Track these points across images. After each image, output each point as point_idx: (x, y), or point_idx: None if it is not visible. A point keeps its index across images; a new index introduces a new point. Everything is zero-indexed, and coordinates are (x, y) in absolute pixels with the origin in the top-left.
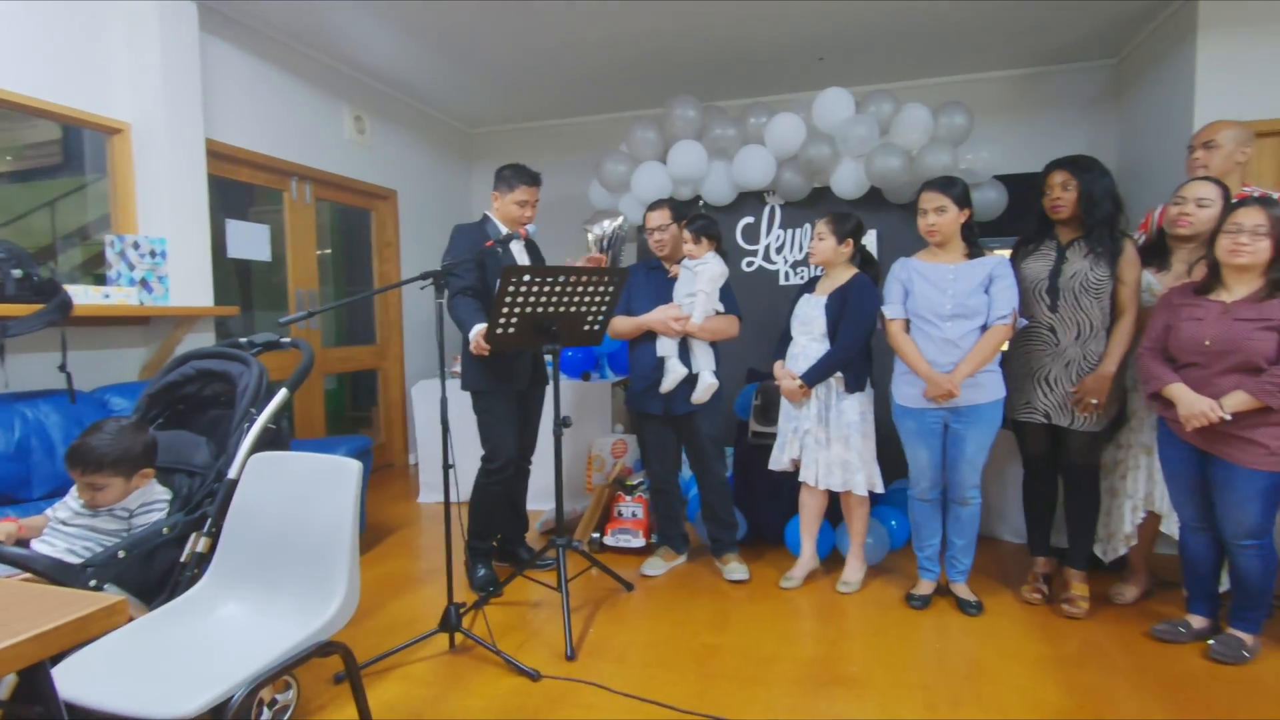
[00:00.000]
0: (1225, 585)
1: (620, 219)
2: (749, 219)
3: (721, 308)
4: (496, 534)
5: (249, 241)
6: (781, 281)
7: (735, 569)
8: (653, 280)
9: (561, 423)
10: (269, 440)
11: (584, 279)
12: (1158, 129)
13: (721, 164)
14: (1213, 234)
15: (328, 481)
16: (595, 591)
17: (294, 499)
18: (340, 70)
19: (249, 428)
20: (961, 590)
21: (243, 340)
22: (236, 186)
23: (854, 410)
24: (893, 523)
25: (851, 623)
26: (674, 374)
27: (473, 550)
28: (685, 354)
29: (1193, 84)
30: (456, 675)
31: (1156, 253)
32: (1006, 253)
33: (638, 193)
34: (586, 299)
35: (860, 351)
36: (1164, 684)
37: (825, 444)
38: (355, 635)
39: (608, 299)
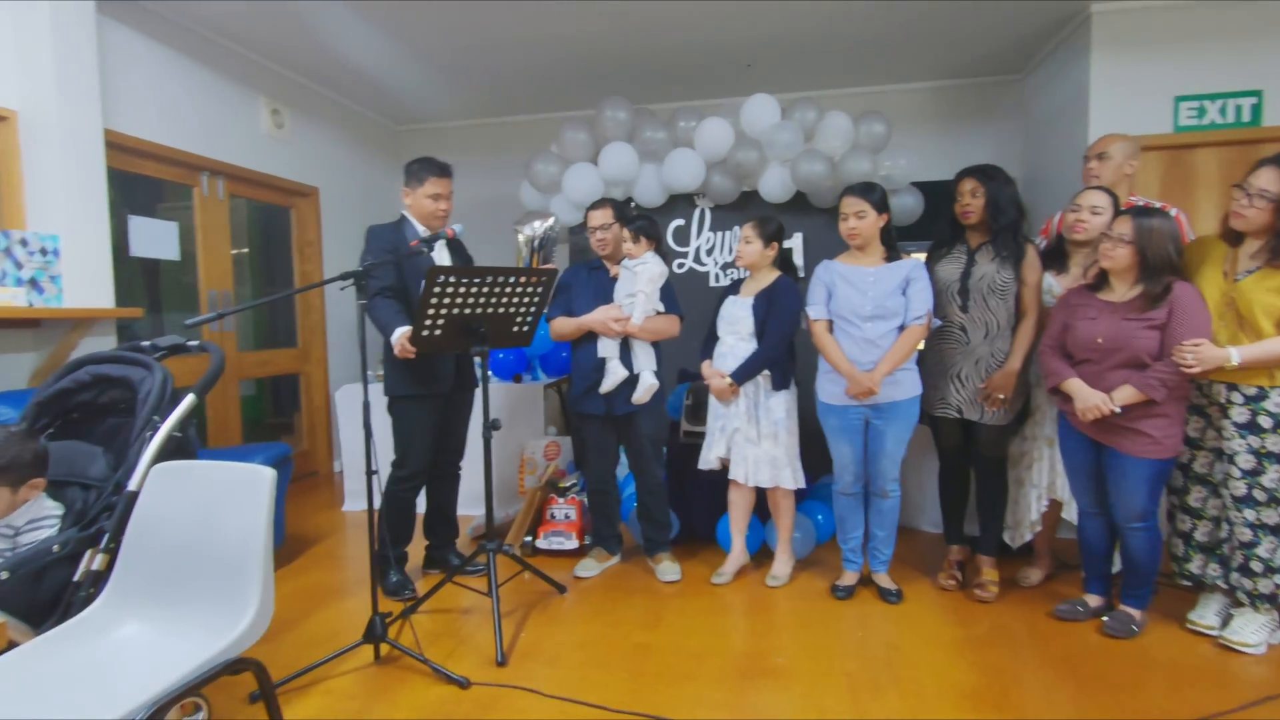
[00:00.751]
0: (1118, 566)
1: (551, 220)
2: (680, 221)
3: (662, 307)
4: (407, 541)
5: (155, 239)
6: (712, 283)
7: (667, 569)
8: (594, 281)
9: (491, 425)
10: (174, 449)
11: (512, 279)
12: (1057, 140)
13: (652, 166)
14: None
15: (239, 491)
16: (528, 595)
17: (201, 510)
18: (256, 61)
19: (151, 436)
20: (883, 580)
21: (145, 344)
22: (142, 181)
23: (781, 407)
24: (819, 517)
25: (779, 615)
26: (614, 375)
27: (383, 559)
28: (627, 354)
29: (1087, 100)
30: (382, 687)
31: (1056, 256)
32: (923, 256)
33: (569, 194)
34: (515, 300)
35: (786, 350)
36: (1064, 659)
37: (755, 441)
38: (274, 651)
39: (536, 299)
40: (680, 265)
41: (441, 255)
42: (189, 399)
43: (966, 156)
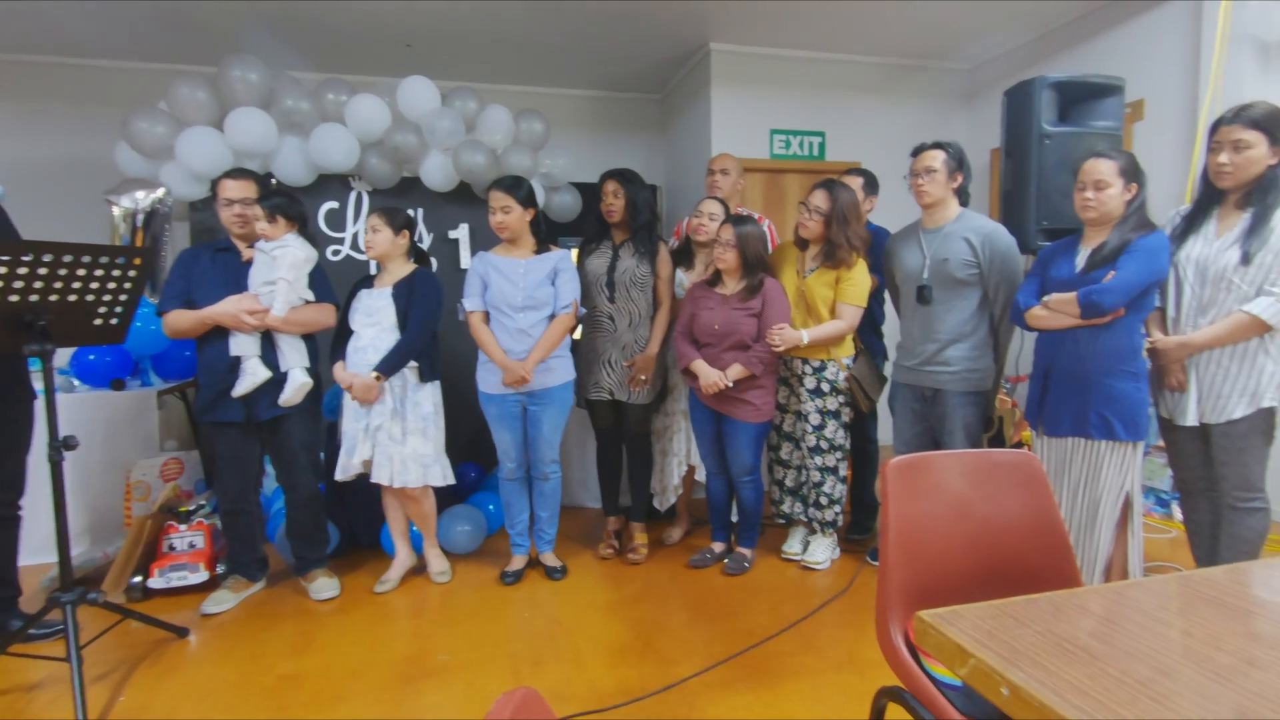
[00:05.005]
0: (736, 516)
1: (160, 191)
2: (333, 204)
3: (311, 296)
4: None
5: None
6: (373, 272)
7: (322, 587)
8: (221, 265)
9: (61, 445)
10: None
11: (85, 259)
12: (689, 155)
13: (296, 140)
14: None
15: None
16: (134, 649)
17: None
18: None
19: None
20: (549, 559)
21: None
22: None
23: (429, 401)
24: (490, 507)
25: (446, 612)
26: (253, 376)
27: None
28: (271, 351)
29: (709, 123)
30: None
31: (685, 255)
32: (577, 251)
33: (186, 161)
34: (95, 285)
35: (432, 340)
36: (696, 600)
37: (400, 439)
38: None
39: (128, 285)
40: (336, 253)
41: None
42: None
43: (619, 162)
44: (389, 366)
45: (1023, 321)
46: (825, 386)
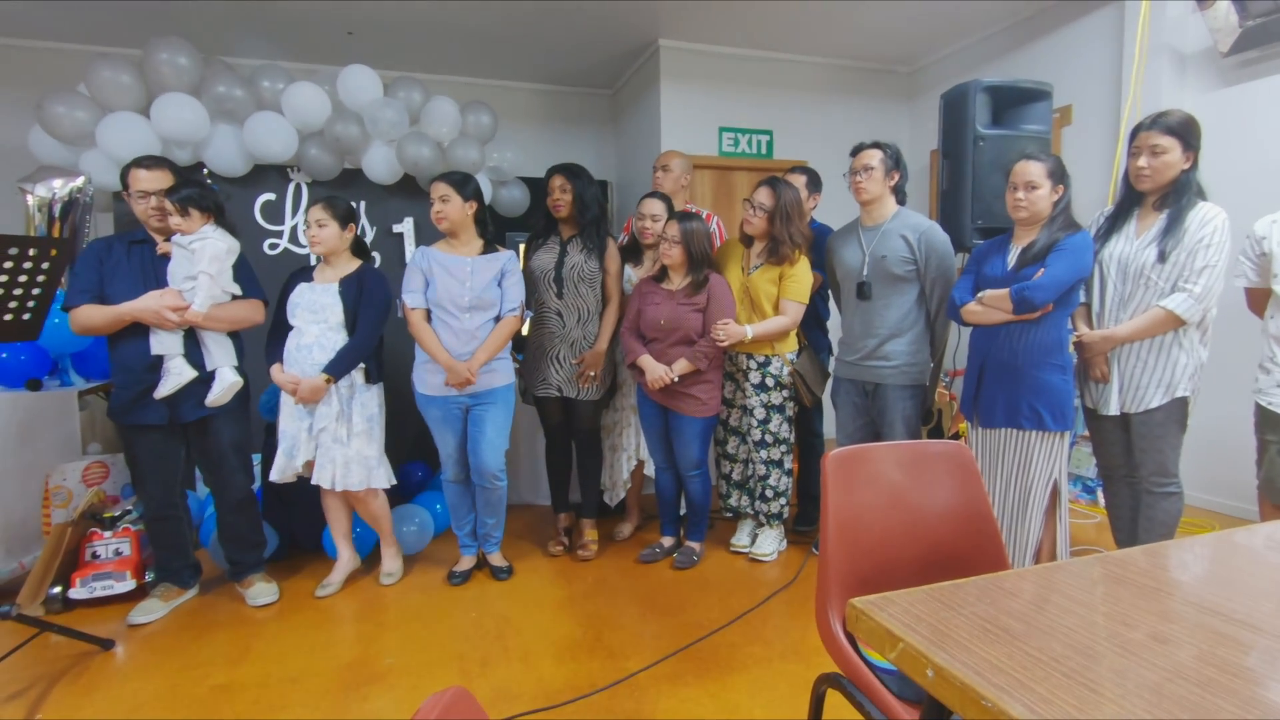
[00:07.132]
0: (685, 510)
1: (80, 179)
2: (269, 195)
3: (238, 290)
4: None
5: None
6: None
7: (260, 592)
8: (138, 258)
9: None
10: None
11: None
12: (639, 151)
13: (230, 128)
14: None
15: None
16: (53, 664)
17: None
18: None
19: None
20: (496, 559)
21: None
22: None
23: (375, 402)
24: (438, 506)
25: (391, 615)
26: (177, 376)
27: None
28: (195, 349)
29: (659, 120)
30: None
31: (634, 251)
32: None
33: (110, 148)
34: (4, 277)
35: (379, 340)
36: (647, 594)
37: (344, 441)
38: None
39: (41, 277)
40: (274, 246)
41: None
42: None
43: (569, 157)
44: (339, 368)
45: (959, 317)
46: (770, 381)
